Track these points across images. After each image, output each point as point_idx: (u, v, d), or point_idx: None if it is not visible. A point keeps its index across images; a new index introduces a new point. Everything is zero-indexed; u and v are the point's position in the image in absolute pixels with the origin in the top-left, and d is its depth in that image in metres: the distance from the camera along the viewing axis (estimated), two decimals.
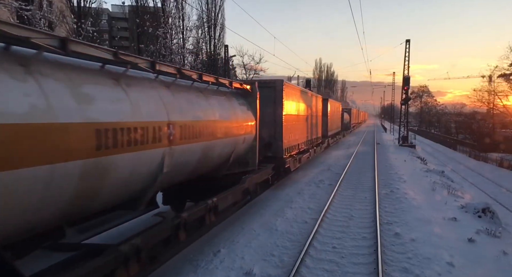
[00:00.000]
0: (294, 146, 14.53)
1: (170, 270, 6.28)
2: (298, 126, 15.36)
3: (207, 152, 7.24)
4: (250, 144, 9.88)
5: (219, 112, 7.82)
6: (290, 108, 13.77)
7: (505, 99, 47.03)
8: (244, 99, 9.75)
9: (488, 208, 10.87)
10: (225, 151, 8.28)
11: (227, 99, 8.63)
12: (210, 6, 33.04)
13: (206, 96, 7.54)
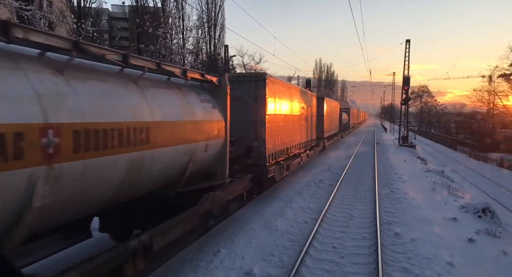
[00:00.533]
0: (281, 151, 12.67)
1: (170, 270, 6.28)
2: (287, 128, 13.47)
3: (139, 167, 5.14)
4: (217, 151, 7.80)
5: (162, 110, 5.72)
6: (276, 107, 11.98)
7: (505, 99, 47.09)
8: (209, 95, 7.72)
9: (488, 208, 10.87)
10: (175, 163, 6.15)
11: (180, 93, 6.52)
12: (210, 6, 33.07)
13: (142, 87, 5.39)
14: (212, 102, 7.69)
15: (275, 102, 11.76)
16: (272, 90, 11.33)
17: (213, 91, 7.89)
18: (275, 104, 11.77)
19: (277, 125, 11.94)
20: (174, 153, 5.99)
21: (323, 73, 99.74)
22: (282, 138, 12.61)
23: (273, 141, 11.56)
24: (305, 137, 17.02)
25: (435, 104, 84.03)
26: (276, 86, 11.87)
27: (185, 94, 6.69)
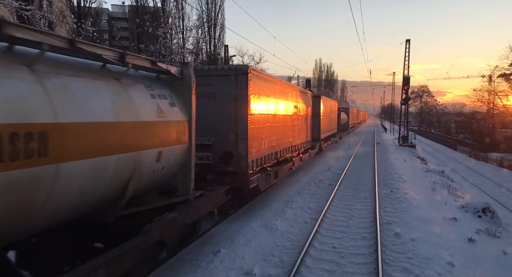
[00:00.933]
0: (269, 156, 11.10)
1: (170, 270, 6.27)
2: (276, 130, 11.84)
3: (28, 190, 3.53)
4: (178, 160, 6.18)
5: (77, 107, 4.12)
6: (262, 106, 10.44)
7: (505, 99, 47.09)
8: (167, 89, 6.12)
9: (488, 208, 10.87)
10: (104, 180, 4.52)
11: (118, 86, 4.90)
12: (210, 6, 33.03)
13: (39, 74, 3.76)
14: (170, 98, 6.02)
15: (260, 100, 10.19)
16: (256, 86, 9.81)
17: (174, 85, 6.29)
18: (260, 102, 10.21)
19: (263, 126, 10.44)
20: (100, 166, 4.36)
21: (323, 73, 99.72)
22: (269, 141, 11.11)
23: (258, 144, 10.05)
24: (299, 139, 15.50)
25: (435, 104, 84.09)
26: (261, 82, 10.30)
27: (126, 87, 5.03)
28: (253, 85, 9.61)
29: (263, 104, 10.60)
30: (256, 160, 10.01)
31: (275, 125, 11.78)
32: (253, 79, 9.56)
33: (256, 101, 9.85)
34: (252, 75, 9.52)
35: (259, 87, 10.09)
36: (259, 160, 10.28)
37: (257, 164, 10.05)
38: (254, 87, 9.70)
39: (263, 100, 10.53)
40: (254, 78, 9.72)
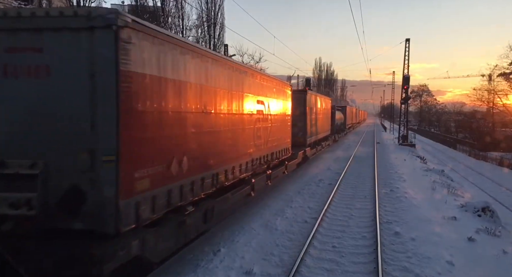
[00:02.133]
0: (193, 186, 6.25)
1: (169, 269, 6.27)
2: (215, 138, 7.27)
3: None
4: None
5: None
6: (167, 95, 5.58)
7: (504, 98, 47.17)
8: None
9: (488, 207, 10.88)
10: None
11: None
12: (209, 5, 32.97)
13: None
14: None
15: (161, 83, 5.33)
16: (147, 54, 4.95)
17: None
18: (162, 87, 5.38)
19: (174, 133, 5.78)
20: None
21: (323, 72, 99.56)
22: (197, 159, 6.39)
23: (153, 170, 5.07)
24: (269, 148, 11.17)
25: (434, 103, 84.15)
26: (165, 48, 5.40)
27: None
28: (137, 52, 4.70)
29: (172, 92, 5.63)
30: (153, 201, 5.03)
31: (213, 130, 7.13)
32: (135, 38, 4.62)
33: (148, 85, 4.98)
34: (131, 30, 4.55)
35: (156, 57, 5.15)
36: (162, 199, 5.25)
37: (154, 208, 5.07)
38: (140, 55, 4.77)
39: (171, 84, 5.57)
40: (139, 37, 4.71)
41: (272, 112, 11.50)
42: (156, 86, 5.18)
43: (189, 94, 6.16)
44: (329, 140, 27.43)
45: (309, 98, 18.13)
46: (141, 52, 4.76)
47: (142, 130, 4.87)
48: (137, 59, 4.65)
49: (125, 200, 4.43)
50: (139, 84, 4.76)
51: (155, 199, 5.06)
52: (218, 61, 7.39)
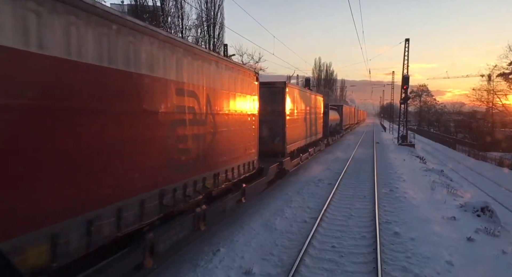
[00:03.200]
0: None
1: (169, 269, 6.28)
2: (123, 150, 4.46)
3: None
4: None
5: None
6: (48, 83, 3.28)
7: (504, 98, 47.16)
8: None
9: (487, 207, 10.89)
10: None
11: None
12: (209, 5, 32.97)
13: None
14: None
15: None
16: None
17: None
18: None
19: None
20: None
21: (323, 72, 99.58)
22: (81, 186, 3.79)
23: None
24: (210, 167, 7.15)
25: (434, 103, 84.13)
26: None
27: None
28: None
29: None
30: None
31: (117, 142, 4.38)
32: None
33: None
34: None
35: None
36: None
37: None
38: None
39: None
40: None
41: (219, 111, 7.53)
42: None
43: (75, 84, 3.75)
44: (320, 144, 22.74)
45: (290, 93, 13.86)
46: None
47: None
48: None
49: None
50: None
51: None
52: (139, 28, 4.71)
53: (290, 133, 13.87)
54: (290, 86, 14.49)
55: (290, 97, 14.03)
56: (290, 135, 13.88)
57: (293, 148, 14.76)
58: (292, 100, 14.42)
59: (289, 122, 13.84)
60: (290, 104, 14.17)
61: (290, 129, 13.86)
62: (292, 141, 14.36)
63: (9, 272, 3.42)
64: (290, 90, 14.11)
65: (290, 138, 13.90)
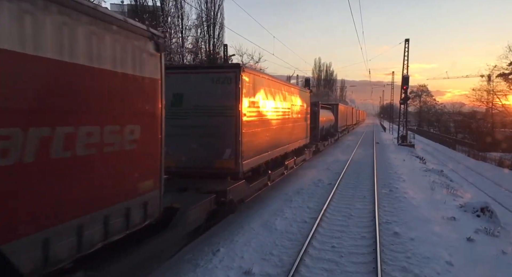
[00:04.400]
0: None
1: (169, 269, 6.28)
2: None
3: None
4: None
5: None
6: None
7: (504, 98, 47.20)
8: None
9: (487, 207, 10.89)
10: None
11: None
12: (209, 5, 32.97)
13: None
14: None
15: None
16: None
17: None
18: None
19: None
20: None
21: (322, 72, 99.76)
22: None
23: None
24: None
25: (434, 103, 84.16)
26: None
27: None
28: None
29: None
30: None
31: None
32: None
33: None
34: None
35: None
36: None
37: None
38: None
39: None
40: None
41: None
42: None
43: None
44: (305, 152, 17.23)
45: (250, 83, 9.37)
46: None
47: None
48: None
49: None
50: None
51: None
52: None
53: (250, 143, 9.23)
54: (250, 73, 9.47)
55: (250, 89, 9.32)
56: (250, 146, 9.22)
57: (255, 164, 9.87)
58: (253, 93, 9.62)
59: (248, 125, 9.12)
60: (251, 99, 9.41)
61: (249, 136, 9.20)
62: (253, 154, 9.56)
63: (9, 272, 3.42)
64: (250, 79, 9.27)
65: (250, 150, 9.23)
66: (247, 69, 9.36)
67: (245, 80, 8.97)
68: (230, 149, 8.62)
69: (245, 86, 8.93)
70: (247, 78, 9.12)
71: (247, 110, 9.10)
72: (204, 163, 8.57)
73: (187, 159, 8.34)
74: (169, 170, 6.68)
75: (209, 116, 8.66)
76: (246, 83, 9.01)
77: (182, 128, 8.36)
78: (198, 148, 8.47)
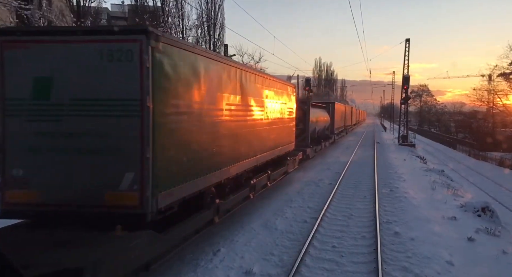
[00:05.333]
0: None
1: (170, 269, 6.28)
2: None
3: None
4: None
5: None
6: None
7: (504, 98, 47.20)
8: None
9: (487, 207, 10.88)
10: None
11: None
12: (209, 5, 33.03)
13: None
14: None
15: None
16: None
17: None
18: None
19: None
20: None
21: (323, 72, 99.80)
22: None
23: None
24: None
25: (434, 103, 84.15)
26: None
27: None
28: None
29: None
30: None
31: None
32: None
33: None
34: None
35: None
36: None
37: None
38: None
39: None
40: None
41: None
42: None
43: None
44: (287, 163, 13.55)
45: (161, 57, 5.28)
46: None
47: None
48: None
49: None
50: None
51: None
52: None
53: (173, 159, 5.73)
54: (172, 43, 5.67)
55: (175, 70, 5.71)
56: (173, 164, 5.74)
57: (186, 193, 6.16)
58: (183, 77, 5.97)
59: (170, 131, 5.61)
60: (176, 88, 5.81)
61: (173, 148, 5.70)
62: (182, 177, 5.98)
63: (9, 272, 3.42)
64: (172, 54, 5.61)
65: (173, 171, 5.73)
66: (165, 36, 5.47)
67: (161, 56, 5.26)
68: (133, 173, 4.99)
69: (162, 64, 5.30)
70: (166, 53, 5.39)
71: (167, 104, 5.43)
72: (87, 198, 4.99)
73: (59, 190, 5.05)
74: (29, 208, 4.98)
75: (96, 116, 5.09)
76: (165, 61, 5.36)
77: (52, 137, 5.09)
78: (78, 171, 5.07)
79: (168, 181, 5.49)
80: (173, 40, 5.80)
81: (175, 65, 5.63)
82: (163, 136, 5.29)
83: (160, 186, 5.19)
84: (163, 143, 5.26)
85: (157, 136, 5.09)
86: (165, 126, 5.34)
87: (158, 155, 5.10)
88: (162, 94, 5.28)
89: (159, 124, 5.14)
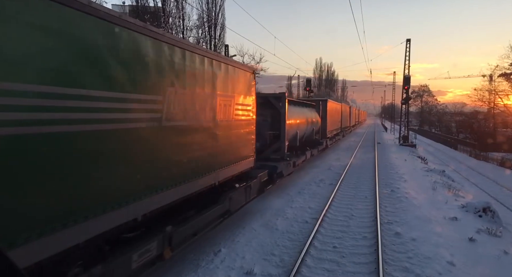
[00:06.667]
0: None
1: (170, 269, 6.28)
2: None
3: None
4: None
5: None
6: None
7: (505, 98, 47.14)
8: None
9: (488, 207, 10.86)
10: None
11: None
12: (210, 6, 33.02)
13: None
14: None
15: None
16: None
17: None
18: None
19: None
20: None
21: (324, 72, 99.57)
22: None
23: None
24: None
25: (435, 103, 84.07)
26: None
27: None
28: None
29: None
30: None
31: None
32: None
33: None
34: None
35: None
36: None
37: None
38: None
39: None
40: None
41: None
42: None
43: None
44: (231, 196, 7.97)
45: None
46: None
47: None
48: None
49: None
50: None
51: None
52: None
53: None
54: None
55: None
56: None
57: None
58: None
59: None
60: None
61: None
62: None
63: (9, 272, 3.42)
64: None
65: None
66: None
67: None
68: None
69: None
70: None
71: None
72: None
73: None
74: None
75: None
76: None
77: None
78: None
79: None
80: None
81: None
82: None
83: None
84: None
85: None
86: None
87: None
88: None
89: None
